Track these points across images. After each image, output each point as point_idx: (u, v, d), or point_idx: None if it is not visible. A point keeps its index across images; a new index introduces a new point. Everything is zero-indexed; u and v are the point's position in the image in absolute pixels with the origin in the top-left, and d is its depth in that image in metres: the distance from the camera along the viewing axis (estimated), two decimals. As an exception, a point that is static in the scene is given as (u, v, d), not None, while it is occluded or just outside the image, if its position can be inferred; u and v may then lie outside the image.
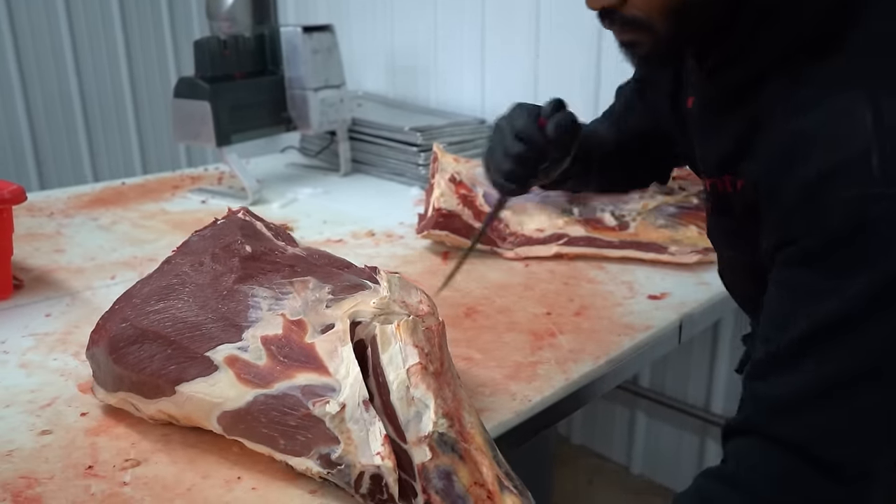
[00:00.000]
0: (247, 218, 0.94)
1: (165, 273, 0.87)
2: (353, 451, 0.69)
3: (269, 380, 0.73)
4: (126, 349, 0.80)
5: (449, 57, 2.15)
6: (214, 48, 1.74)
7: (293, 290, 0.81)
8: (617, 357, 1.03)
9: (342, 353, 0.73)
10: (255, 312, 0.79)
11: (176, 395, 0.77)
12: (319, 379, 0.72)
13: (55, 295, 1.22)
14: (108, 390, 0.85)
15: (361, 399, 0.70)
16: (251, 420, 0.74)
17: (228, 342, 0.77)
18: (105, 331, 0.84)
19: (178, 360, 0.77)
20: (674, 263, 1.33)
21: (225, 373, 0.75)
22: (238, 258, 0.85)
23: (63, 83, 2.40)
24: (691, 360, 1.97)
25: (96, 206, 1.73)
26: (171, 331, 0.79)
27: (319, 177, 2.01)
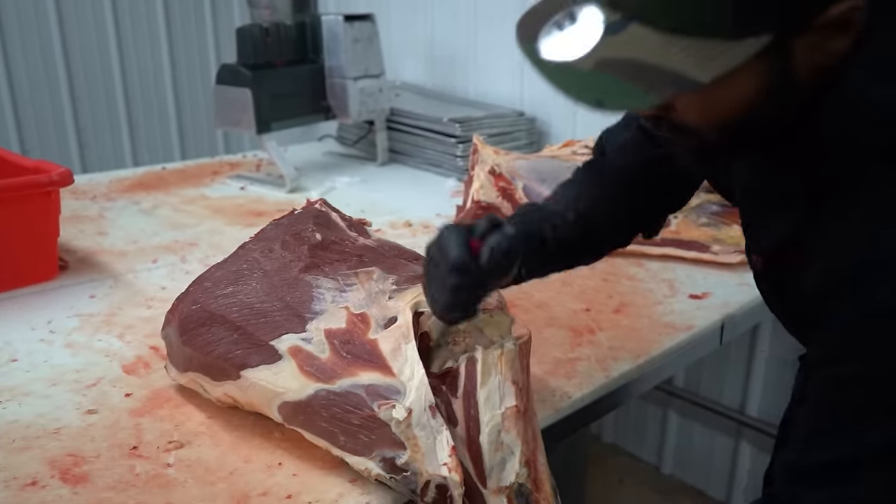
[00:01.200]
0: (323, 208, 0.94)
1: (238, 258, 0.88)
2: (419, 459, 0.68)
3: (332, 375, 0.73)
4: (196, 331, 0.81)
5: (488, 48, 2.14)
6: (256, 35, 1.75)
7: (357, 281, 0.80)
8: (658, 356, 1.02)
9: (406, 352, 0.72)
10: (319, 304, 0.78)
11: (241, 379, 0.77)
12: (383, 379, 0.71)
13: (99, 277, 1.24)
14: (179, 370, 0.86)
15: (428, 404, 0.69)
16: (311, 413, 0.73)
17: (293, 332, 0.76)
18: (178, 312, 0.85)
19: (244, 345, 0.77)
20: (716, 263, 1.31)
21: (288, 363, 0.75)
22: (307, 246, 0.84)
23: (106, 69, 2.43)
24: (728, 361, 1.94)
25: (137, 190, 1.75)
26: (237, 316, 0.79)
27: (357, 166, 2.01)
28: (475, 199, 1.37)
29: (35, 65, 2.30)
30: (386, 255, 0.85)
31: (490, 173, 1.40)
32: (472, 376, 0.71)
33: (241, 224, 1.53)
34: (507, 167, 1.42)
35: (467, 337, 0.78)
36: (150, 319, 1.09)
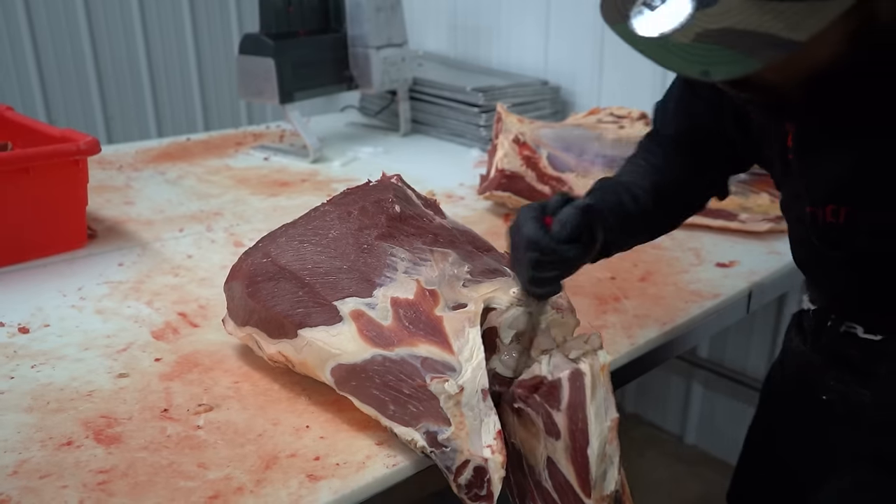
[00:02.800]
0: (399, 183, 0.94)
1: (312, 218, 0.88)
2: (462, 437, 0.68)
3: (391, 342, 0.73)
4: (262, 284, 0.82)
5: (512, 16, 2.11)
6: (279, 5, 1.74)
7: (432, 259, 0.80)
8: (684, 324, 1.02)
9: (469, 335, 0.71)
10: (390, 272, 0.78)
11: (297, 338, 0.77)
12: (441, 354, 0.71)
13: (127, 245, 1.26)
14: (237, 324, 0.87)
15: (481, 387, 0.69)
16: (365, 378, 0.73)
17: (358, 296, 0.76)
18: (246, 265, 0.85)
19: (307, 304, 0.77)
20: (743, 231, 1.29)
21: (348, 325, 0.75)
22: (385, 216, 0.84)
23: (130, 40, 2.44)
24: (753, 331, 1.92)
25: (163, 160, 1.76)
26: (307, 273, 0.79)
27: (379, 136, 2.01)
28: (499, 168, 1.36)
29: (61, 36, 2.31)
30: (459, 241, 0.84)
31: (514, 142, 1.39)
32: (579, 389, 0.69)
33: (265, 194, 1.54)
34: (532, 136, 1.41)
35: (534, 336, 0.78)
36: (176, 287, 1.10)
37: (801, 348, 0.93)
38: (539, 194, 1.36)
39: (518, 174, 1.36)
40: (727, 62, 0.56)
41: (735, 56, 0.55)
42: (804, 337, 0.93)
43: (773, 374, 1.04)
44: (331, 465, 0.72)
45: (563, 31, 1.98)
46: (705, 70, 0.56)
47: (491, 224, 1.37)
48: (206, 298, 1.06)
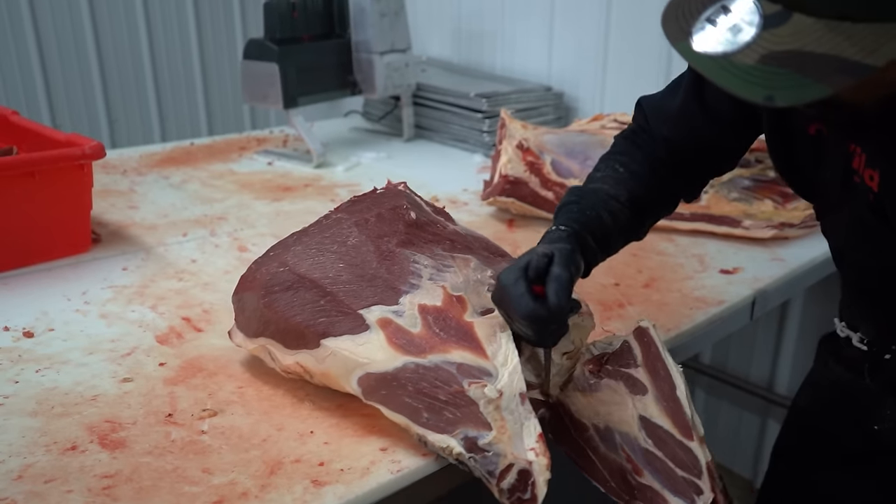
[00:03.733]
0: (407, 190, 0.94)
1: (326, 227, 0.87)
2: (505, 441, 0.67)
3: (423, 349, 0.72)
4: (279, 294, 0.80)
5: (516, 22, 2.11)
6: (284, 10, 1.74)
7: (455, 265, 0.80)
8: (688, 331, 1.01)
9: (501, 339, 0.72)
10: (415, 279, 0.78)
11: (319, 348, 0.76)
12: (476, 360, 0.70)
13: (131, 249, 1.26)
14: (248, 335, 0.84)
15: (519, 391, 0.69)
16: (396, 387, 0.72)
17: (384, 304, 0.76)
18: (259, 274, 0.84)
19: (330, 313, 0.76)
20: (747, 238, 1.29)
21: (376, 334, 0.74)
22: (403, 222, 0.84)
23: (134, 44, 2.45)
24: (756, 338, 1.92)
25: (167, 164, 1.77)
26: (328, 281, 0.78)
27: (382, 142, 2.01)
28: (503, 174, 1.37)
29: (66, 41, 2.32)
30: (475, 246, 0.84)
31: (518, 147, 1.39)
32: (649, 343, 0.74)
33: (268, 198, 1.54)
34: (535, 141, 1.41)
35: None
36: (181, 291, 1.10)
37: (847, 377, 0.90)
38: (543, 200, 1.36)
39: (522, 180, 1.36)
40: (794, 87, 0.53)
41: (802, 81, 0.52)
42: (851, 366, 0.89)
43: (801, 401, 1.01)
44: (335, 471, 0.72)
45: (567, 37, 1.99)
46: (770, 95, 0.53)
47: (495, 230, 1.37)
48: (210, 303, 1.07)
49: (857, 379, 0.89)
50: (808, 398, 1.00)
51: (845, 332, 0.90)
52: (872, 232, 0.75)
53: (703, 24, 0.57)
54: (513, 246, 1.29)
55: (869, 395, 0.87)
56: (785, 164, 0.85)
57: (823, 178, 0.80)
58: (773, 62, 0.53)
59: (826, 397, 0.96)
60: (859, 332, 0.88)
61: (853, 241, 0.81)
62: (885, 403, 0.85)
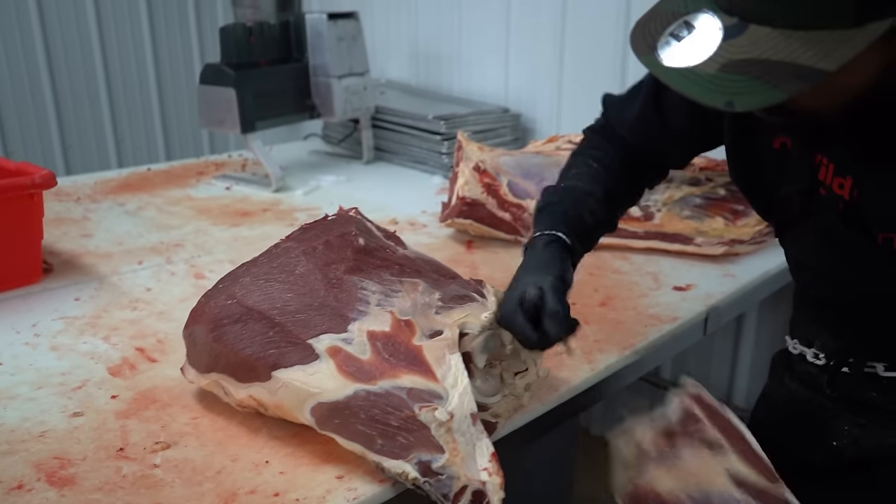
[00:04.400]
0: (358, 216, 0.94)
1: (275, 256, 0.86)
2: (457, 463, 0.68)
3: (373, 376, 0.72)
4: (228, 327, 0.79)
5: (473, 45, 2.14)
6: (240, 35, 1.74)
7: (403, 289, 0.80)
8: (643, 348, 1.03)
9: (451, 361, 0.72)
10: (363, 305, 0.78)
11: (271, 380, 0.75)
12: (426, 383, 0.71)
13: (84, 279, 1.24)
14: (200, 371, 0.83)
15: (469, 412, 0.69)
16: (349, 415, 0.72)
17: (333, 332, 0.75)
18: (208, 308, 0.83)
19: (279, 344, 0.76)
20: (699, 255, 1.32)
21: (326, 363, 0.74)
22: (351, 249, 0.84)
23: (89, 69, 2.42)
24: (713, 352, 1.95)
25: (122, 191, 1.74)
26: (276, 313, 0.78)
27: (342, 164, 2.01)
28: (460, 196, 1.38)
29: (17, 66, 2.28)
30: (424, 270, 0.85)
31: (475, 170, 1.40)
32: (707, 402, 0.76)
33: (226, 224, 1.53)
34: (492, 163, 1.43)
35: (504, 360, 0.80)
36: (135, 321, 1.09)
37: (803, 393, 0.91)
38: (499, 221, 1.37)
39: (479, 201, 1.37)
40: (752, 92, 0.56)
41: (761, 87, 0.55)
42: (807, 382, 0.90)
43: (759, 414, 1.02)
44: (290, 501, 0.71)
45: (523, 59, 2.02)
46: (729, 101, 0.56)
47: (454, 251, 1.38)
48: (165, 332, 1.05)
49: (813, 395, 0.90)
50: (764, 412, 1.02)
51: (798, 348, 0.92)
52: (842, 242, 0.77)
53: (667, 40, 0.60)
54: (471, 267, 1.30)
55: (825, 411, 0.88)
56: (747, 179, 0.88)
57: (787, 192, 0.82)
58: (733, 70, 0.56)
59: (782, 413, 0.97)
60: (814, 347, 0.89)
61: (821, 253, 0.82)
62: (842, 419, 0.87)
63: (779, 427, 0.96)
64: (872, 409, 0.84)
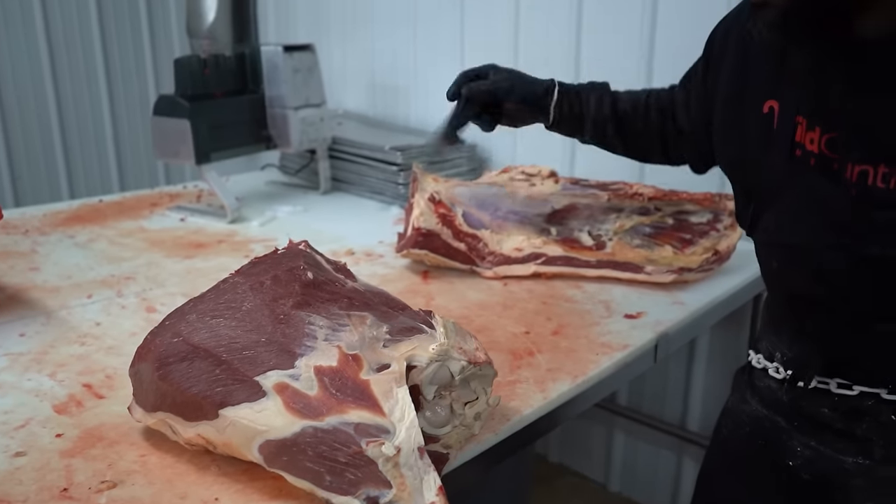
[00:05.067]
0: (308, 250, 0.94)
1: (223, 291, 0.85)
2: (405, 498, 0.68)
3: (320, 412, 0.72)
4: (174, 365, 0.78)
5: (429, 75, 2.17)
6: (195, 67, 1.74)
7: (350, 323, 0.80)
8: (594, 376, 1.04)
9: (398, 395, 0.72)
10: (310, 340, 0.77)
11: (218, 419, 0.75)
12: (373, 418, 0.71)
13: (30, 314, 1.21)
14: (146, 410, 0.82)
15: (417, 445, 0.69)
16: (297, 452, 0.71)
17: (280, 368, 0.75)
18: (154, 346, 0.81)
19: (226, 382, 0.75)
20: (650, 283, 1.35)
21: (273, 400, 0.73)
22: (299, 283, 0.83)
23: (40, 99, 2.39)
24: (668, 378, 1.99)
25: (73, 223, 1.71)
26: (223, 350, 0.77)
27: (299, 195, 2.01)
28: (416, 227, 1.39)
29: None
30: (374, 302, 0.85)
31: (430, 200, 1.42)
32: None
33: (180, 256, 1.51)
34: (447, 194, 1.45)
35: (454, 390, 0.80)
36: (83, 357, 1.07)
37: (761, 412, 0.93)
38: (455, 251, 1.39)
39: (434, 232, 1.38)
40: None
41: None
42: (766, 398, 0.92)
43: (724, 431, 1.04)
44: (240, 539, 0.70)
45: (478, 92, 2.05)
46: None
47: (410, 282, 1.38)
48: (114, 368, 1.03)
49: (770, 415, 0.92)
50: (728, 428, 1.03)
51: (761, 362, 0.94)
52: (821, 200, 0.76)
53: None
54: (427, 297, 1.31)
55: (780, 430, 0.90)
56: (736, 154, 0.90)
57: (772, 160, 0.82)
58: None
59: (745, 430, 0.99)
60: (775, 360, 0.91)
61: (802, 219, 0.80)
62: (796, 439, 0.88)
63: (744, 442, 0.98)
64: (823, 427, 0.85)
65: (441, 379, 0.78)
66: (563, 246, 1.40)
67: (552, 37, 1.86)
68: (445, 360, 0.78)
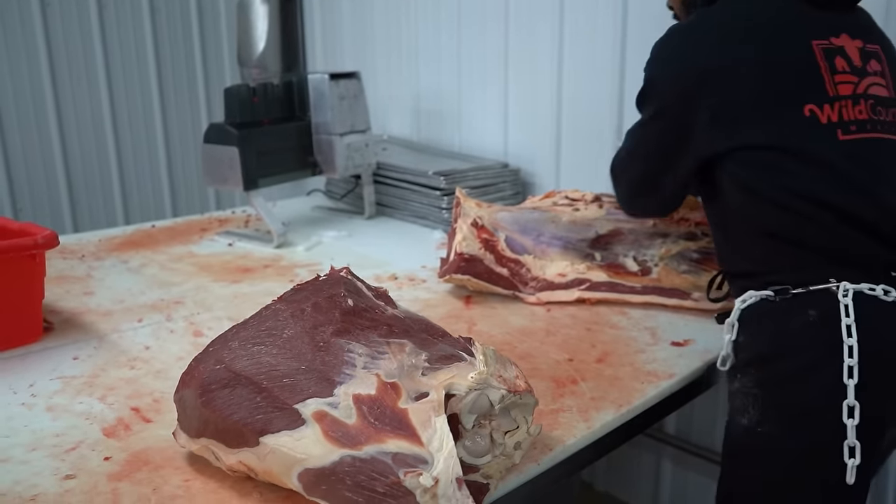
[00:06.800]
0: (349, 276, 0.95)
1: (265, 318, 0.87)
2: None
3: (358, 441, 0.72)
4: (217, 392, 0.80)
5: (473, 101, 2.18)
6: (244, 95, 1.79)
7: (389, 351, 0.80)
8: (640, 405, 1.02)
9: (436, 424, 0.72)
10: (349, 368, 0.78)
11: (259, 446, 0.75)
12: (411, 448, 0.71)
13: (83, 338, 1.25)
14: (190, 436, 0.84)
15: (455, 476, 0.69)
16: (335, 481, 0.72)
17: (319, 396, 0.75)
18: (198, 372, 0.83)
19: (266, 409, 0.76)
20: (697, 309, 1.32)
21: (312, 428, 0.74)
22: (339, 311, 0.84)
23: (98, 128, 2.48)
24: (718, 406, 1.93)
25: (126, 248, 1.76)
26: (263, 377, 0.78)
27: (344, 220, 2.04)
28: (458, 252, 1.39)
29: (27, 121, 2.34)
30: (413, 329, 0.85)
31: (473, 226, 1.42)
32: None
33: (227, 280, 1.54)
34: (490, 219, 1.44)
35: (493, 419, 0.79)
36: (132, 380, 1.09)
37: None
38: (498, 276, 1.38)
39: (477, 257, 1.38)
40: None
41: None
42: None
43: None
44: (279, 567, 0.70)
45: (522, 115, 2.06)
46: None
47: (452, 307, 1.38)
48: (161, 392, 1.05)
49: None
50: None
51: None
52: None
53: None
54: (469, 322, 1.30)
55: None
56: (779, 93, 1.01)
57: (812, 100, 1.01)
58: None
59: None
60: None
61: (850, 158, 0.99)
62: None
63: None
64: None
65: (480, 408, 0.78)
66: (607, 271, 1.38)
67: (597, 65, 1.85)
68: (484, 389, 0.77)
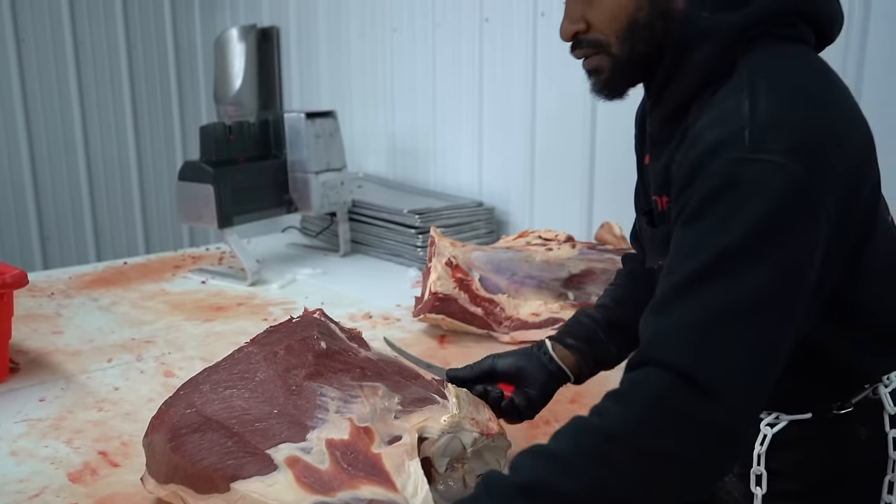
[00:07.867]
0: (322, 318, 0.95)
1: (237, 361, 0.86)
2: None
3: (332, 487, 0.71)
4: (187, 437, 0.78)
5: (447, 140, 2.21)
6: (219, 133, 1.79)
7: (362, 394, 0.80)
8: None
9: (410, 469, 0.72)
10: (322, 413, 0.78)
11: (229, 492, 0.74)
12: (386, 494, 0.70)
13: (50, 378, 1.23)
14: (159, 481, 0.82)
15: None
16: None
17: (291, 441, 0.75)
18: (168, 416, 0.82)
19: (238, 454, 0.75)
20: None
21: (284, 474, 0.73)
22: (312, 353, 0.84)
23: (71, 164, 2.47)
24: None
25: (97, 286, 1.74)
26: (235, 421, 0.77)
27: (319, 257, 2.03)
28: (433, 291, 1.39)
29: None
30: (386, 371, 0.85)
31: (447, 265, 1.42)
32: None
33: (199, 319, 1.53)
34: (464, 259, 1.45)
35: (466, 462, 0.80)
36: (99, 423, 1.07)
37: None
38: (472, 316, 1.38)
39: (451, 297, 1.39)
40: None
41: None
42: None
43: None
44: None
45: (495, 155, 2.09)
46: None
47: (426, 346, 1.38)
48: (130, 434, 1.03)
49: None
50: None
51: None
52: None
53: None
54: (443, 362, 1.30)
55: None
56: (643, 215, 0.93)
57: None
58: None
59: None
60: None
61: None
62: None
63: None
64: None
65: (453, 451, 0.78)
66: (580, 311, 1.39)
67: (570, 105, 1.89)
68: (457, 432, 0.77)
